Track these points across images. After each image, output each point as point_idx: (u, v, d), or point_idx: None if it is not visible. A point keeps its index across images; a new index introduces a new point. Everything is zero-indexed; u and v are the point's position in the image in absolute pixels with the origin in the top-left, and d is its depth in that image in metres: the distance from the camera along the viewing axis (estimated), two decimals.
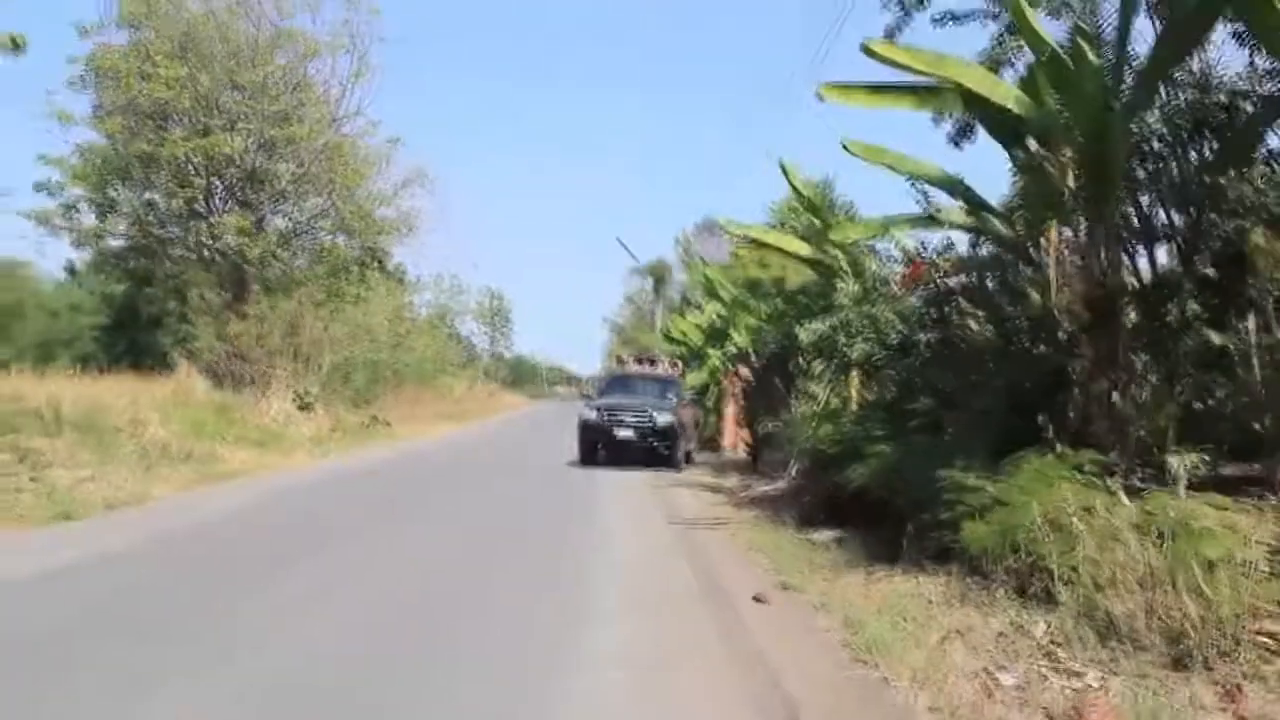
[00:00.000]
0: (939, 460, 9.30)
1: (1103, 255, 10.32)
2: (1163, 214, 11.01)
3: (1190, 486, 8.13)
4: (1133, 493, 7.95)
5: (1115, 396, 9.82)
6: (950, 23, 13.99)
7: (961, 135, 13.50)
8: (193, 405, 21.46)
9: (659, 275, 58.32)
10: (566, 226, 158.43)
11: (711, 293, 27.85)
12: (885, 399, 12.55)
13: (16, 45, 11.50)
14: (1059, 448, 8.67)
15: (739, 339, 25.20)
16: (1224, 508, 6.82)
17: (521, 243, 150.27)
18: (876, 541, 10.14)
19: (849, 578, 8.78)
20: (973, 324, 11.96)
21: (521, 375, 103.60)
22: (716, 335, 28.17)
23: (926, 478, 9.09)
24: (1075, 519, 7.14)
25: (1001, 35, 13.62)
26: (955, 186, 11.65)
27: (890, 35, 14.31)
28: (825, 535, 11.07)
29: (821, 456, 12.76)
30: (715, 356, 27.38)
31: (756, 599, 8.13)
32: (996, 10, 13.79)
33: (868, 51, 9.60)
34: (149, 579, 8.60)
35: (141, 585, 8.31)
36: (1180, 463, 8.09)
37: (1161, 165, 10.76)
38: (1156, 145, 10.62)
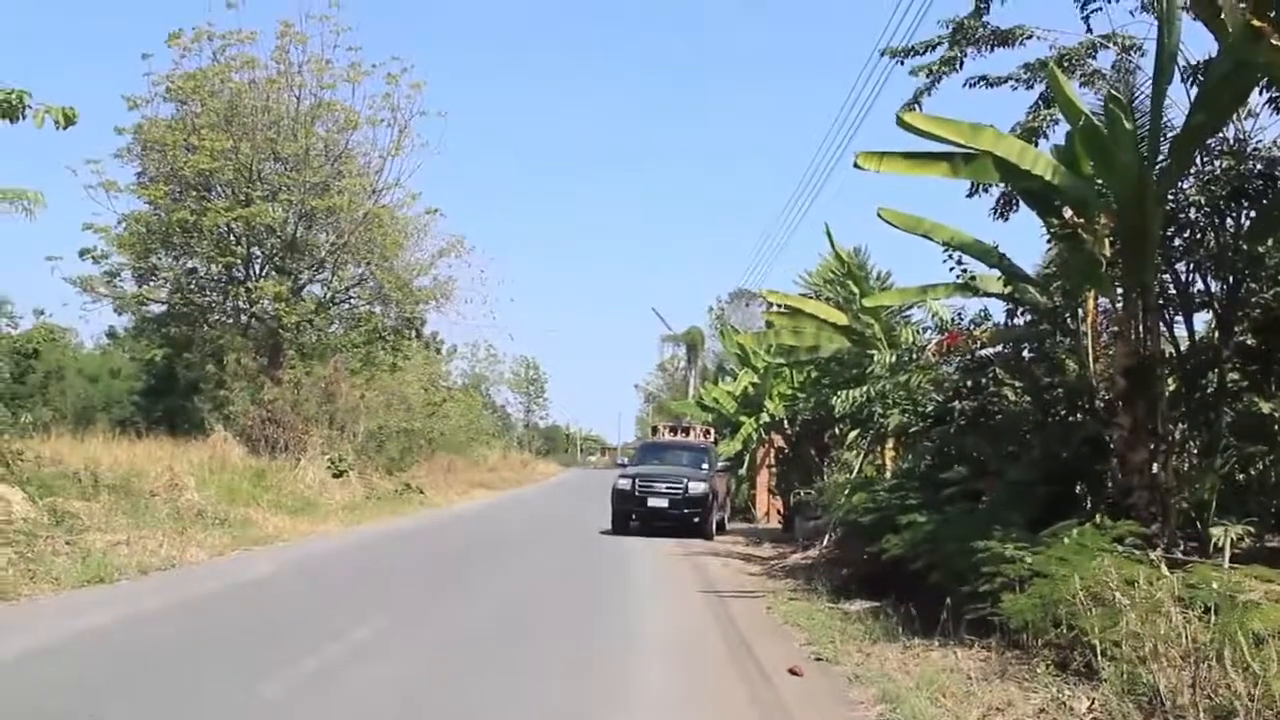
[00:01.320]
0: (976, 530, 9.18)
1: (1140, 324, 10.25)
2: (1200, 282, 10.95)
3: (1235, 559, 7.97)
4: (1175, 565, 7.79)
5: (1155, 467, 9.69)
6: (983, 85, 14.00)
7: (1005, 207, 13.45)
8: (228, 470, 21.58)
9: (692, 343, 58.43)
10: (601, 296, 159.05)
11: (744, 361, 27.86)
12: (920, 468, 12.43)
13: (68, 120, 11.71)
14: (1099, 518, 8.52)
15: (772, 407, 25.15)
16: (1270, 580, 6.66)
17: (556, 312, 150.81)
18: (912, 613, 9.98)
19: (885, 650, 8.63)
20: (1009, 393, 11.91)
21: (555, 444, 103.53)
22: (749, 403, 28.12)
23: (963, 548, 8.96)
24: (1117, 592, 6.99)
25: (1037, 104, 13.66)
26: (990, 255, 11.62)
27: (916, 100, 14.30)
28: (860, 606, 10.92)
29: (856, 526, 12.63)
30: (749, 424, 27.29)
31: (792, 672, 7.99)
32: (1030, 78, 13.80)
33: (902, 123, 9.65)
34: (173, 645, 8.55)
35: (164, 652, 8.25)
36: (1224, 534, 7.92)
37: (1199, 234, 10.71)
38: (1193, 214, 10.57)
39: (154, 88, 27.85)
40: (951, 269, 11.38)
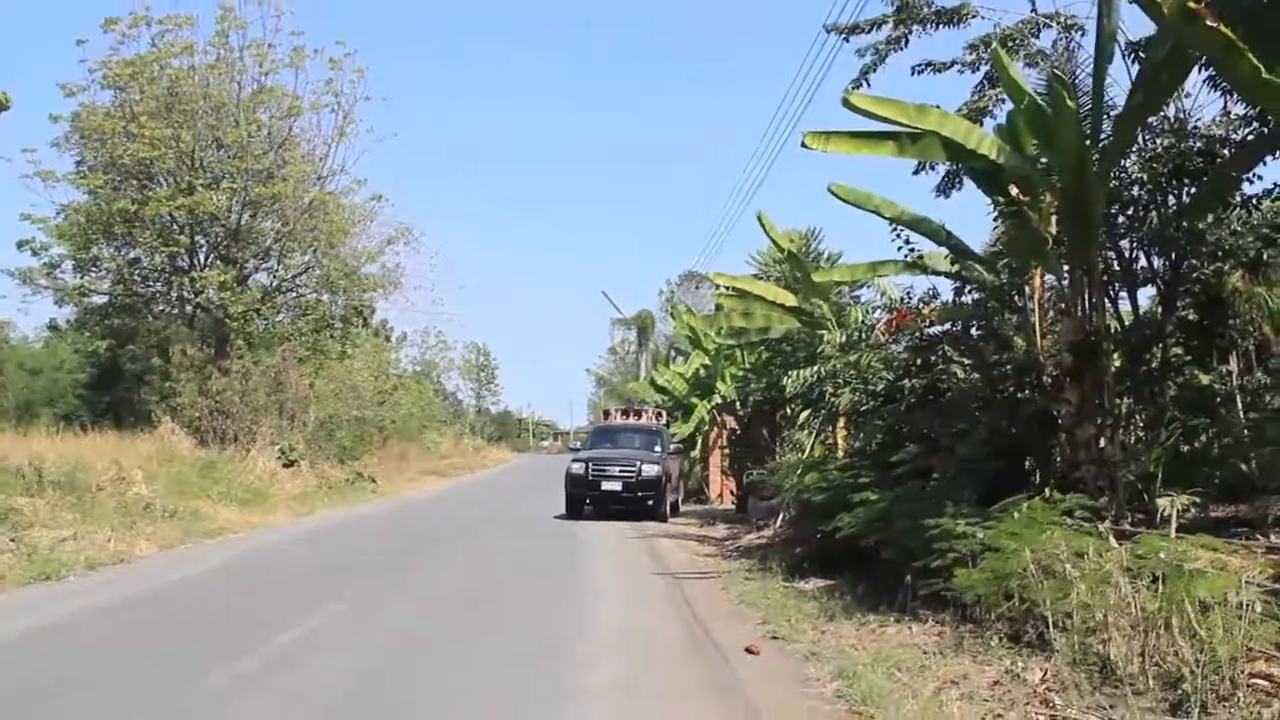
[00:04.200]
0: (927, 507, 9.28)
1: (1086, 300, 10.38)
2: (1143, 259, 11.11)
3: (1181, 529, 8.12)
4: (1123, 536, 7.93)
5: (1102, 441, 9.83)
6: (929, 71, 14.10)
7: (949, 185, 13.57)
8: (176, 462, 21.30)
9: (643, 326, 58.42)
10: (549, 281, 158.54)
11: (695, 343, 27.91)
12: (871, 447, 12.52)
13: (0, 105, 11.47)
14: (1048, 493, 8.63)
15: (724, 388, 25.24)
16: (1215, 548, 6.80)
17: (505, 297, 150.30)
18: (866, 590, 10.10)
19: (841, 627, 8.71)
20: (958, 371, 12.03)
21: (507, 429, 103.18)
22: (701, 385, 28.19)
23: (915, 525, 9.06)
24: (1067, 564, 7.09)
25: (982, 84, 13.79)
26: (938, 233, 11.70)
27: (864, 77, 14.33)
28: (815, 584, 11.01)
29: (809, 505, 12.71)
30: (701, 406, 27.37)
31: (749, 651, 8.04)
32: (975, 60, 13.90)
33: (848, 104, 9.67)
34: (123, 641, 8.46)
35: (113, 648, 8.16)
36: (1171, 505, 8.07)
37: (1141, 211, 10.87)
38: (1136, 191, 10.72)
39: (91, 74, 27.33)
40: (900, 247, 11.44)
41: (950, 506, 8.92)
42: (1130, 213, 10.92)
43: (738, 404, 21.99)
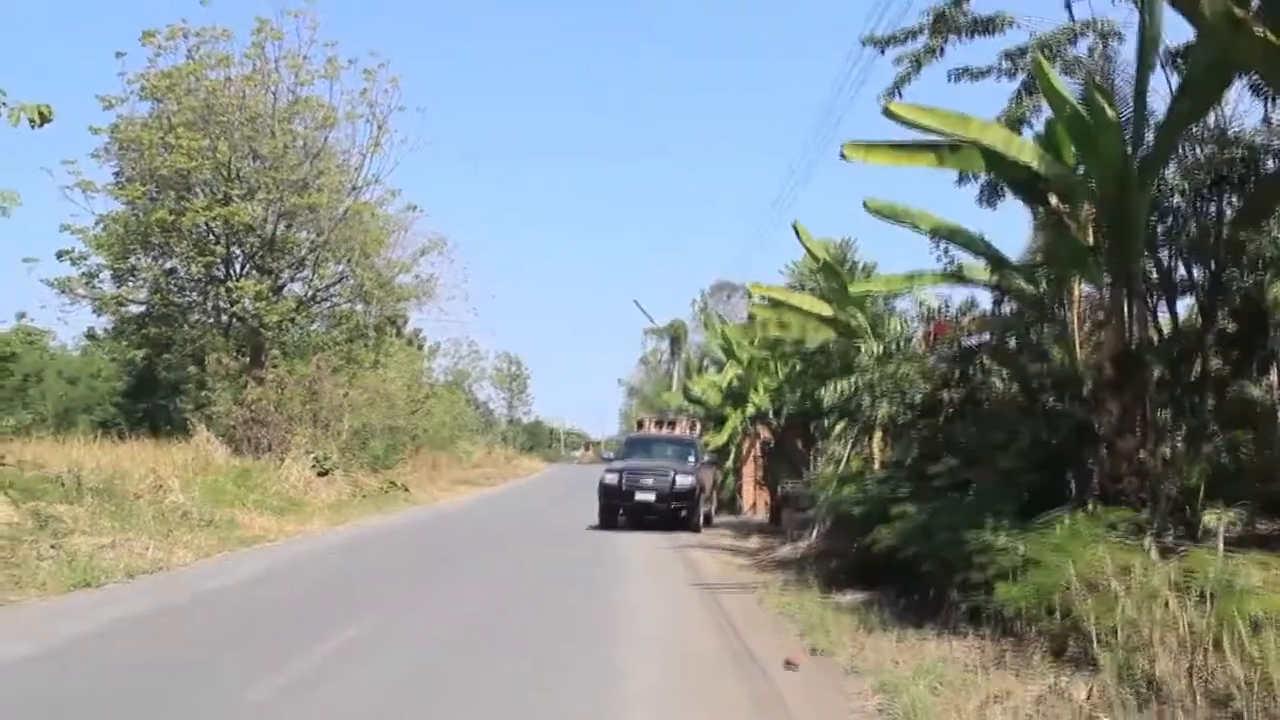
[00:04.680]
0: (967, 520, 9.21)
1: (1126, 311, 10.28)
2: (1183, 269, 10.98)
3: (1226, 544, 7.99)
4: (1168, 551, 7.81)
5: (1143, 453, 9.72)
6: (965, 79, 14.02)
7: (991, 195, 13.49)
8: (212, 471, 21.45)
9: (675, 336, 58.35)
10: (582, 291, 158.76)
11: (729, 353, 27.84)
12: (909, 459, 12.42)
13: (43, 118, 11.59)
14: (1091, 506, 8.52)
15: (757, 399, 25.15)
16: (1268, 565, 6.68)
17: (538, 307, 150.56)
18: (905, 603, 10.01)
19: (880, 640, 8.64)
20: (996, 382, 11.93)
21: (538, 439, 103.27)
22: (734, 395, 28.09)
23: (955, 538, 9.00)
24: (1112, 579, 7.00)
25: (1018, 92, 13.69)
26: (976, 243, 11.64)
27: (898, 87, 14.28)
28: (852, 597, 10.94)
29: (846, 517, 12.63)
30: (734, 417, 27.28)
31: (788, 664, 7.99)
32: (1012, 68, 13.82)
33: (889, 113, 9.64)
34: (163, 650, 8.49)
35: (153, 657, 8.19)
36: (1217, 520, 7.93)
37: (1181, 220, 10.74)
38: (1176, 200, 10.61)
39: (129, 86, 27.64)
40: (939, 258, 11.37)
41: (990, 519, 8.84)
42: (1170, 222, 10.80)
43: (772, 415, 21.91)
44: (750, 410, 25.64)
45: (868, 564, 11.45)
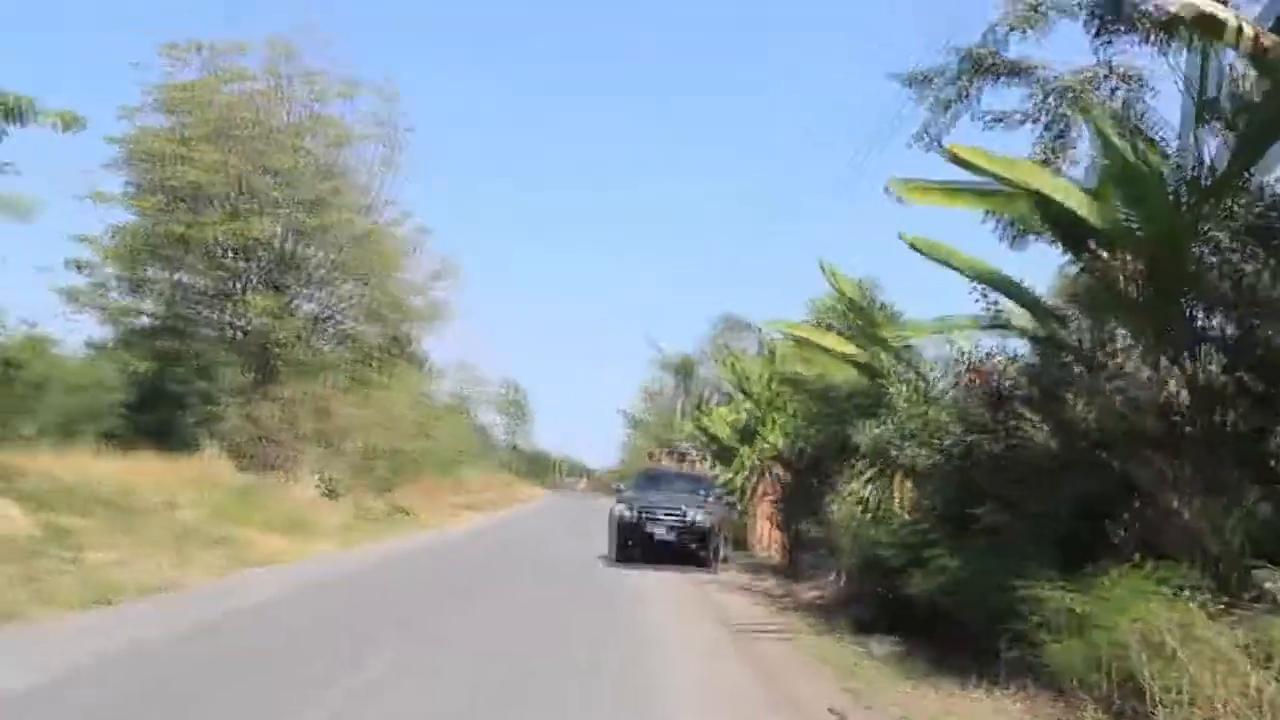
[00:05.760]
0: (1006, 570, 9.03)
1: (1170, 362, 10.16)
2: (1219, 323, 10.85)
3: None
4: (1221, 611, 7.64)
5: (1184, 508, 9.56)
6: (993, 123, 14.01)
7: (1017, 236, 13.42)
8: (219, 487, 21.30)
9: (685, 369, 58.23)
10: (584, 320, 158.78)
11: (743, 389, 27.68)
12: (941, 504, 12.26)
13: (71, 124, 11.52)
14: (1140, 560, 8.34)
15: (771, 437, 24.98)
16: None
17: (540, 335, 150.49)
18: (939, 652, 9.83)
19: (922, 691, 8.49)
20: (1031, 430, 11.77)
21: (537, 467, 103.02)
22: (746, 432, 27.92)
23: (997, 588, 8.83)
24: (1171, 639, 6.84)
25: (1042, 136, 13.65)
26: (1013, 288, 11.54)
27: (925, 130, 14.28)
28: (883, 644, 10.75)
29: (871, 561, 12.46)
30: (747, 454, 27.09)
31: (832, 712, 7.81)
32: (1039, 114, 13.81)
33: (948, 154, 9.57)
34: (185, 674, 8.33)
35: (177, 681, 8.05)
36: (1275, 582, 7.78)
37: (1228, 274, 10.63)
38: (1222, 254, 10.50)
39: (145, 97, 27.70)
40: (978, 302, 11.26)
41: (1033, 570, 8.67)
42: (1216, 276, 10.68)
43: (788, 454, 21.70)
44: (763, 447, 25.46)
45: (897, 610, 11.29)
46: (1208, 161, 10.21)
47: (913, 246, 11.39)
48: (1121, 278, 10.48)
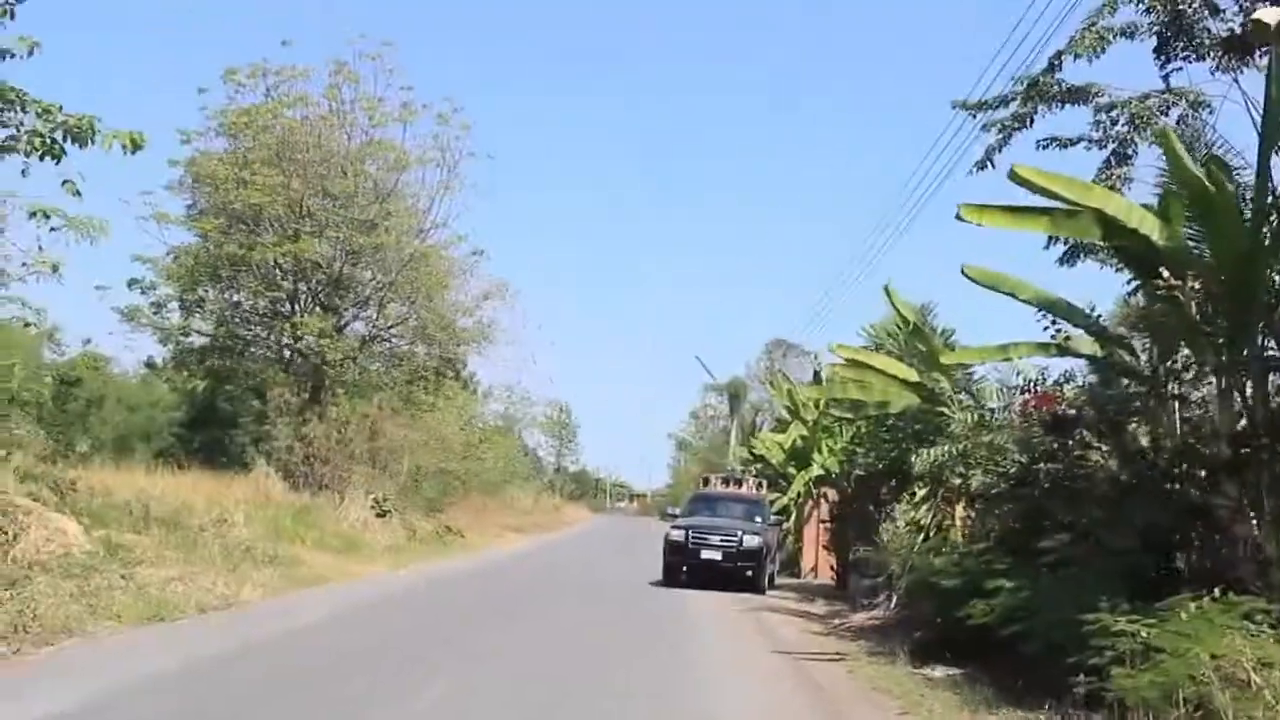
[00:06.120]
0: (1074, 599, 8.85)
1: (1244, 390, 9.96)
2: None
3: None
4: None
5: (1260, 539, 9.33)
6: (1055, 147, 13.92)
7: (1072, 257, 13.29)
8: (271, 506, 21.40)
9: (735, 393, 58.05)
10: (635, 342, 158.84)
11: (795, 413, 27.52)
12: (1002, 530, 12.06)
13: (135, 145, 11.64)
14: (1216, 592, 8.12)
15: (821, 460, 24.79)
16: None
17: (588, 356, 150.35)
18: (999, 680, 9.61)
19: None
20: (1096, 457, 11.56)
21: (584, 489, 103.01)
22: (798, 456, 27.75)
23: (1066, 618, 8.63)
24: (1254, 673, 6.64)
25: (1108, 161, 13.51)
26: (1078, 315, 11.36)
27: (989, 157, 14.28)
28: (943, 672, 10.55)
29: (928, 588, 12.26)
30: (800, 477, 26.90)
31: None
32: (1101, 137, 13.70)
33: (1014, 177, 9.47)
34: (246, 695, 8.31)
35: (239, 701, 8.03)
36: None
37: None
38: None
39: (208, 121, 28.03)
40: (1045, 328, 11.11)
41: (1104, 601, 8.47)
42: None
43: (842, 477, 21.54)
44: (815, 470, 25.28)
45: (957, 638, 11.07)
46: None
47: (968, 276, 11.25)
48: (1193, 303, 10.30)
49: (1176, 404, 10.90)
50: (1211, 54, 12.29)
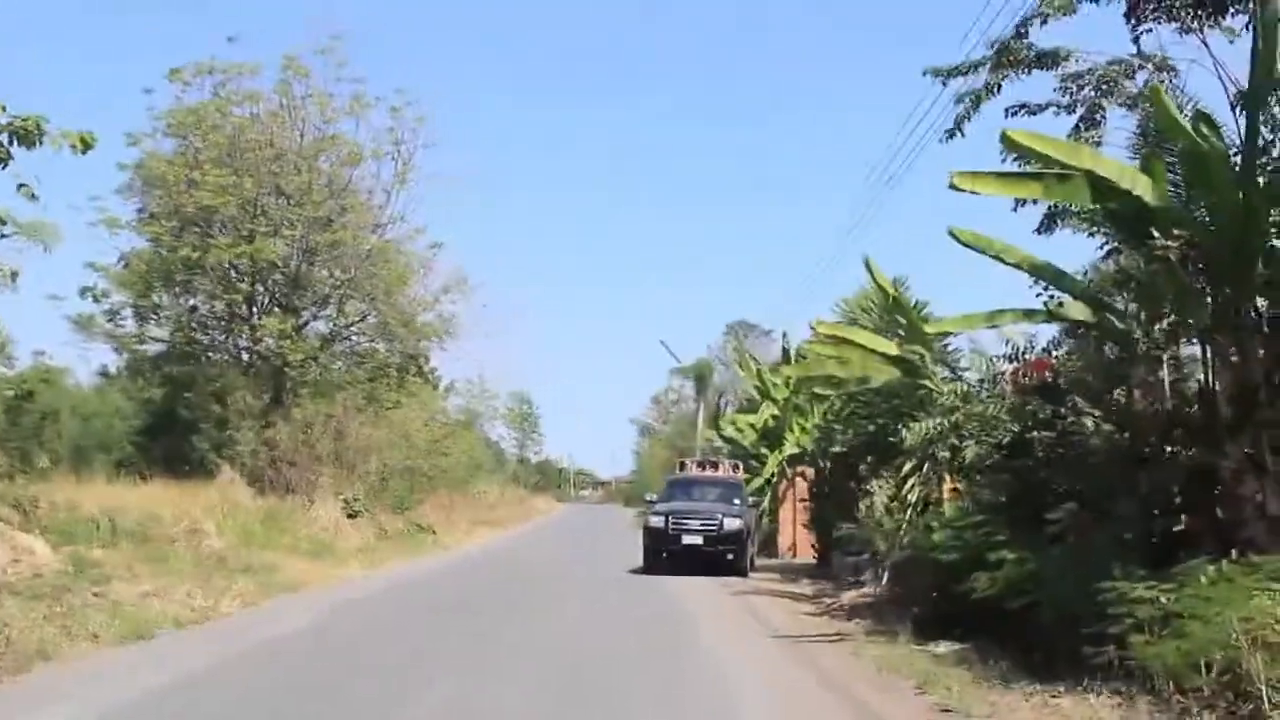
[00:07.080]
0: (1086, 568, 8.69)
1: (1242, 350, 9.83)
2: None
3: None
4: None
5: (1265, 498, 9.21)
6: (1023, 114, 13.90)
7: (1050, 224, 13.26)
8: (240, 513, 20.91)
9: (702, 375, 57.83)
10: (590, 328, 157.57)
11: (764, 394, 27.35)
12: (998, 501, 11.89)
13: (86, 145, 11.16)
14: (1246, 555, 7.97)
15: (794, 440, 24.63)
16: None
17: (545, 342, 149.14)
18: (1008, 654, 9.44)
19: (1011, 699, 8.08)
20: (1088, 423, 11.42)
21: (548, 479, 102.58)
22: (770, 436, 27.59)
23: (1079, 588, 8.46)
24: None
25: (1077, 126, 13.48)
26: (1068, 280, 11.21)
27: (958, 126, 14.27)
28: (948, 648, 10.37)
29: (927, 562, 12.08)
30: (773, 458, 26.73)
31: None
32: (1069, 102, 13.70)
33: (1006, 140, 9.30)
34: (234, 711, 8.02)
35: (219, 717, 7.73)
36: None
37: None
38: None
39: (155, 123, 27.38)
40: (1038, 295, 10.91)
41: (1118, 568, 8.30)
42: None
43: (818, 456, 21.38)
44: (789, 450, 25.12)
45: (955, 612, 10.91)
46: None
47: (955, 238, 11.04)
48: (1186, 263, 10.15)
49: (1168, 366, 10.76)
50: (1184, 12, 12.21)
